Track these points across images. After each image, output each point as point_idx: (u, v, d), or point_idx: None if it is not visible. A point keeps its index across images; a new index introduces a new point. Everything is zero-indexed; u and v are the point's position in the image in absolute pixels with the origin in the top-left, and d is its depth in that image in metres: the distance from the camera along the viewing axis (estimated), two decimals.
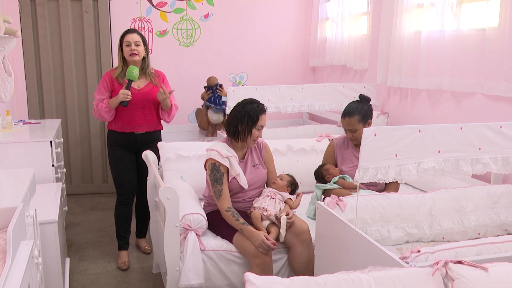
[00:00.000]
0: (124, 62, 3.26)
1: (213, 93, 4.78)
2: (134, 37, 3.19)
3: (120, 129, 3.30)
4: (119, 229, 3.46)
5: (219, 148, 2.67)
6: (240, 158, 2.76)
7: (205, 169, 2.72)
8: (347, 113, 2.94)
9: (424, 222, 2.52)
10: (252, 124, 2.66)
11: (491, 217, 2.61)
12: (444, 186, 2.81)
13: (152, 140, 3.38)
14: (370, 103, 3.05)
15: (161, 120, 3.44)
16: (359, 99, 3.05)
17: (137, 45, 3.19)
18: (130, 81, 3.16)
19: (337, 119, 4.67)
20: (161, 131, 3.50)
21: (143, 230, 3.72)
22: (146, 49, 3.28)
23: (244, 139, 2.70)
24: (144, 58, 3.27)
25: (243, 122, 2.66)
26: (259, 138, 2.75)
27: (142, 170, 3.37)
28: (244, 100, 2.75)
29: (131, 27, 4.97)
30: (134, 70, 3.14)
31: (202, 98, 4.86)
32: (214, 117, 4.79)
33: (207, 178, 2.72)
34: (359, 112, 2.92)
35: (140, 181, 3.44)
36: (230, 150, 2.69)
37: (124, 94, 3.12)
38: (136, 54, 3.19)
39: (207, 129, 4.89)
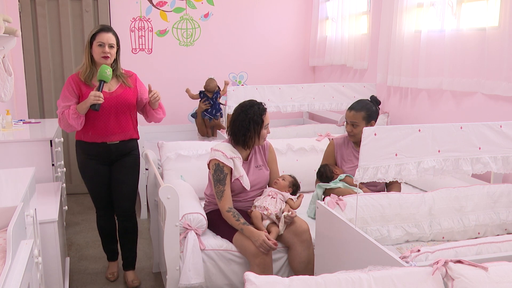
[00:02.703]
0: (93, 62, 2.83)
1: (209, 101, 4.65)
2: (109, 38, 2.77)
3: (91, 139, 2.86)
4: (105, 241, 3.17)
5: (224, 149, 2.66)
6: (243, 159, 2.75)
7: (208, 168, 2.72)
8: (355, 107, 2.93)
9: (424, 221, 2.53)
10: (259, 128, 2.65)
11: (491, 216, 2.61)
12: (444, 185, 2.81)
13: (128, 150, 2.97)
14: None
15: (151, 122, 3.05)
16: (369, 100, 3.02)
17: (111, 47, 2.79)
18: (102, 82, 2.73)
19: (337, 118, 4.67)
20: (138, 140, 3.07)
21: (130, 260, 3.14)
22: (118, 50, 2.88)
23: (254, 143, 2.70)
24: (114, 59, 2.87)
25: (249, 129, 2.63)
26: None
27: (117, 183, 2.98)
28: (243, 105, 2.70)
29: (131, 27, 4.98)
30: (107, 70, 2.73)
31: (192, 97, 4.80)
32: (212, 122, 4.75)
33: (210, 177, 2.72)
34: (366, 109, 2.90)
35: (117, 198, 3.00)
36: (234, 151, 2.68)
37: (95, 96, 2.67)
38: (108, 57, 2.79)
39: (206, 134, 4.87)
